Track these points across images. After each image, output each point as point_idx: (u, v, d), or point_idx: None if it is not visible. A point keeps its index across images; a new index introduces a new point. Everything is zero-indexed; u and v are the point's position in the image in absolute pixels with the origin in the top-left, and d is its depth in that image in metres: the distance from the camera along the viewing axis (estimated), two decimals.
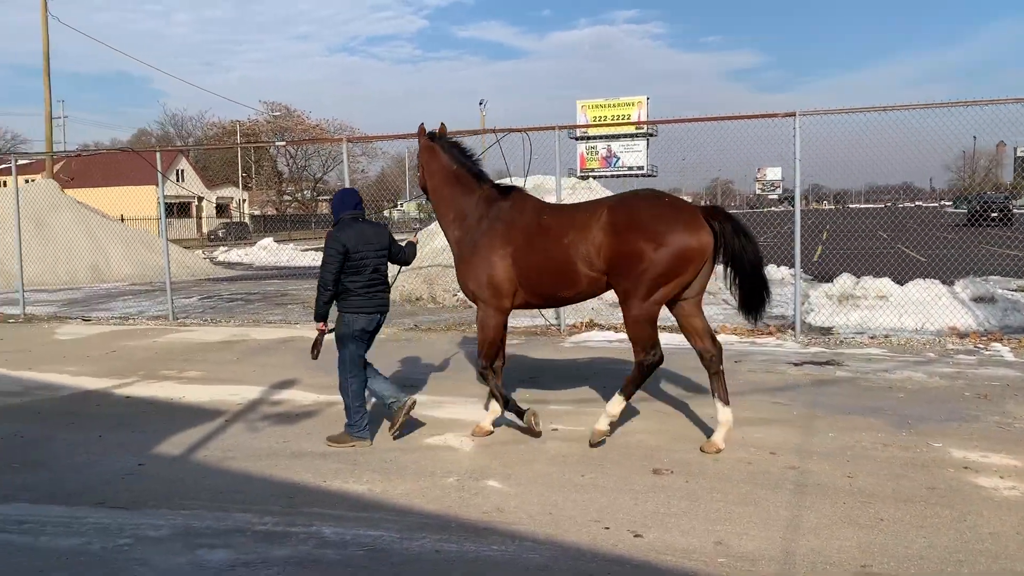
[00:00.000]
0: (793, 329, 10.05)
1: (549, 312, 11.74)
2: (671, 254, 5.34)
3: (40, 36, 29.97)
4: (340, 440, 5.95)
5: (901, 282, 11.58)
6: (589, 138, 46.82)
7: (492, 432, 6.03)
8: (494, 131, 11.19)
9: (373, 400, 6.38)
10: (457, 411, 6.85)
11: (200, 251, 33.60)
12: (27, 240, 15.35)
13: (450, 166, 6.23)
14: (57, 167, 39.68)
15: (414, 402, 6.03)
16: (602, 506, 4.65)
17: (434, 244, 15.31)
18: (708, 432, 5.99)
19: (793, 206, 10.43)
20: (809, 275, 16.47)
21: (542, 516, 4.52)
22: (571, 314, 11.48)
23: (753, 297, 5.69)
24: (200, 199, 60.10)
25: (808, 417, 6.45)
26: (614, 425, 5.83)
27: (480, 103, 58.24)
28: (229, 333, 11.58)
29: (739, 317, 6.38)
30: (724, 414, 5.60)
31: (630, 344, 5.76)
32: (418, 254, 15.04)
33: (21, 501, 4.88)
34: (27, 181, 32.64)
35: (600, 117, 45.76)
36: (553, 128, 10.91)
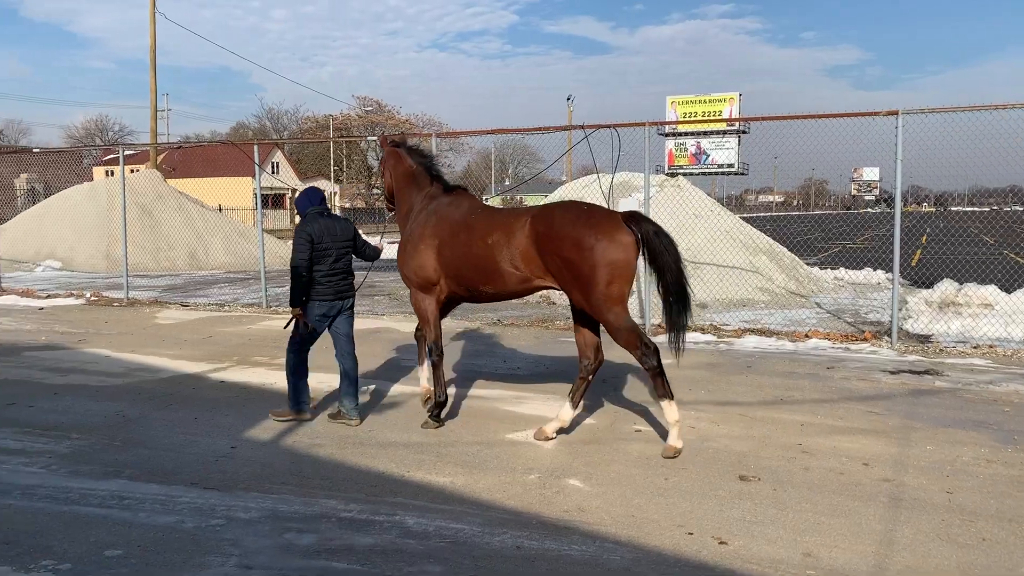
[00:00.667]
0: (889, 336, 9.66)
1: (634, 311, 11.62)
2: (599, 261, 5.47)
3: (148, 32, 31.33)
4: (282, 414, 6.43)
5: (1008, 290, 10.99)
6: (678, 134, 46.08)
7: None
8: (582, 127, 11.13)
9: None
10: (539, 407, 6.84)
11: (291, 242, 34.58)
12: (132, 227, 16.06)
13: (411, 166, 6.71)
14: (160, 158, 41.43)
15: (359, 423, 6.34)
16: (685, 511, 4.57)
17: None
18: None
19: (891, 208, 10.02)
20: (907, 280, 15.83)
21: (624, 518, 4.47)
22: (656, 313, 11.32)
23: (679, 302, 5.71)
24: (293, 191, 61.86)
25: (904, 428, 6.18)
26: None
27: (568, 98, 58.05)
28: None
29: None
30: (567, 412, 5.97)
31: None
32: None
33: (122, 478, 5.10)
34: (132, 171, 34.17)
35: (690, 113, 44.99)
36: (643, 124, 10.77)
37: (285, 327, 6.48)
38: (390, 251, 7.62)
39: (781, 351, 9.29)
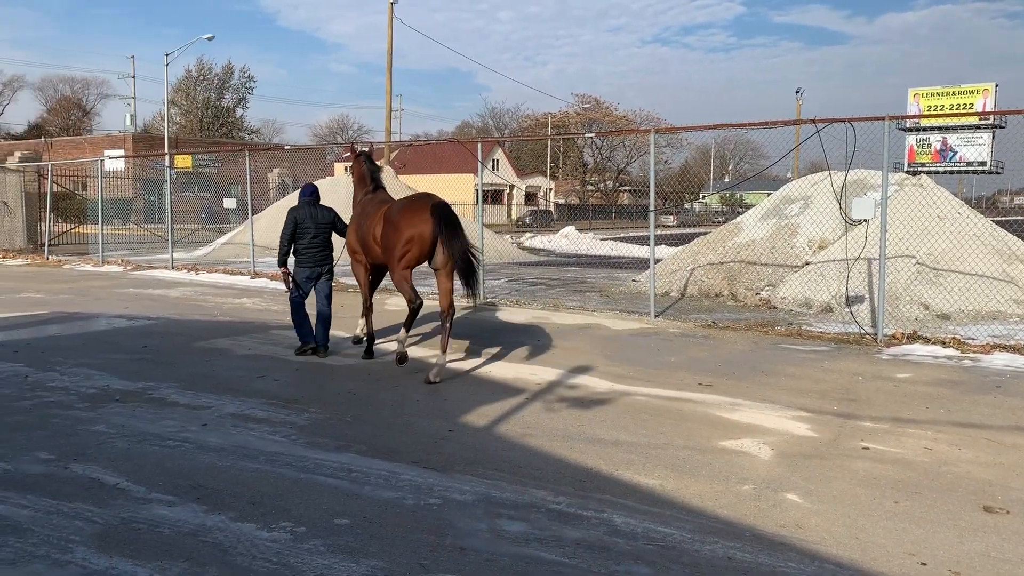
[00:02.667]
0: None
1: (864, 319, 10.85)
2: (402, 237, 7.78)
3: (386, 37, 33.52)
4: (299, 349, 8.71)
5: None
6: (921, 129, 42.40)
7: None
8: (813, 121, 10.53)
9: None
10: (755, 416, 6.56)
11: (508, 236, 35.63)
12: None
13: (365, 171, 9.17)
14: (393, 155, 44.21)
15: (325, 354, 8.65)
16: (918, 539, 4.18)
17: (737, 239, 14.82)
18: None
19: None
20: None
21: (847, 540, 4.17)
22: (891, 323, 10.50)
23: (465, 274, 7.77)
24: (511, 187, 63.79)
25: None
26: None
27: (797, 91, 55.17)
28: (531, 315, 12.14)
29: None
30: (441, 358, 7.76)
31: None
32: (721, 248, 14.61)
33: (351, 452, 5.48)
34: None
35: (936, 107, 41.23)
36: (882, 118, 9.98)
37: (288, 290, 8.74)
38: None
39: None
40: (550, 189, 73.93)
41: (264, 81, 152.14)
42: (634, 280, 16.21)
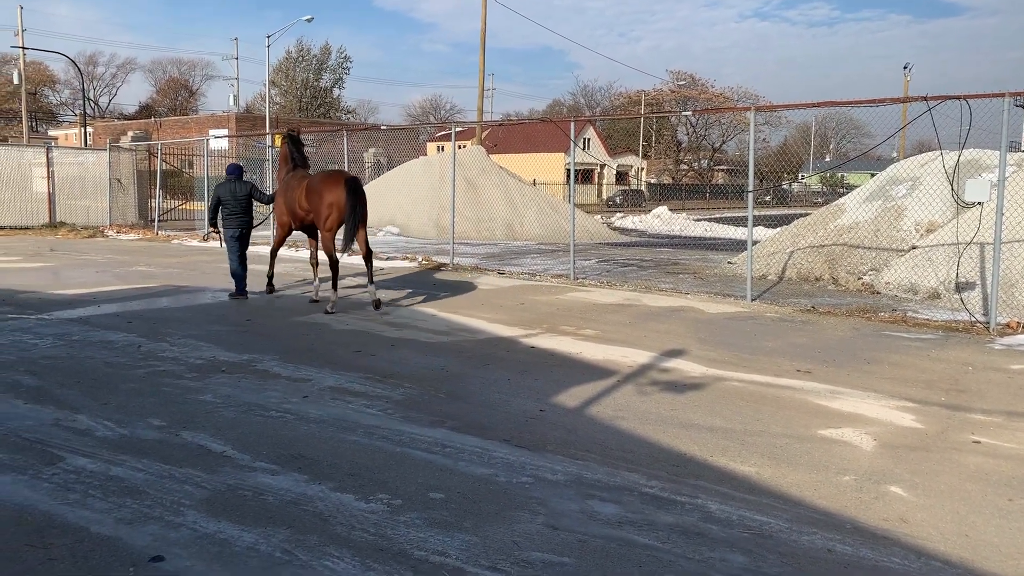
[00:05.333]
0: None
1: (975, 306, 10.33)
2: (325, 203, 10.02)
3: (480, 16, 33.57)
4: (235, 296, 11.10)
5: None
6: None
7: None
8: (924, 98, 10.02)
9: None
10: (857, 405, 6.34)
11: (598, 216, 35.38)
12: (458, 199, 17.35)
13: (287, 153, 11.46)
14: (484, 134, 44.42)
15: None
16: None
17: (839, 221, 14.31)
18: None
19: None
20: None
21: (955, 537, 3.99)
22: (1005, 311, 9.97)
23: (349, 231, 9.82)
24: (602, 166, 63.23)
25: None
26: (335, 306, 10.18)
27: (905, 67, 52.69)
28: (622, 296, 12.04)
29: None
30: (371, 288, 10.36)
31: None
32: (822, 230, 14.14)
33: (445, 427, 5.57)
34: (460, 147, 37.08)
35: None
36: (1001, 95, 9.42)
37: (219, 242, 11.91)
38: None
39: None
40: (642, 168, 72.91)
41: (359, 61, 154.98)
42: (729, 262, 15.87)
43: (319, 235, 10.41)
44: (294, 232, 11.58)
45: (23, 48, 44.66)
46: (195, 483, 4.45)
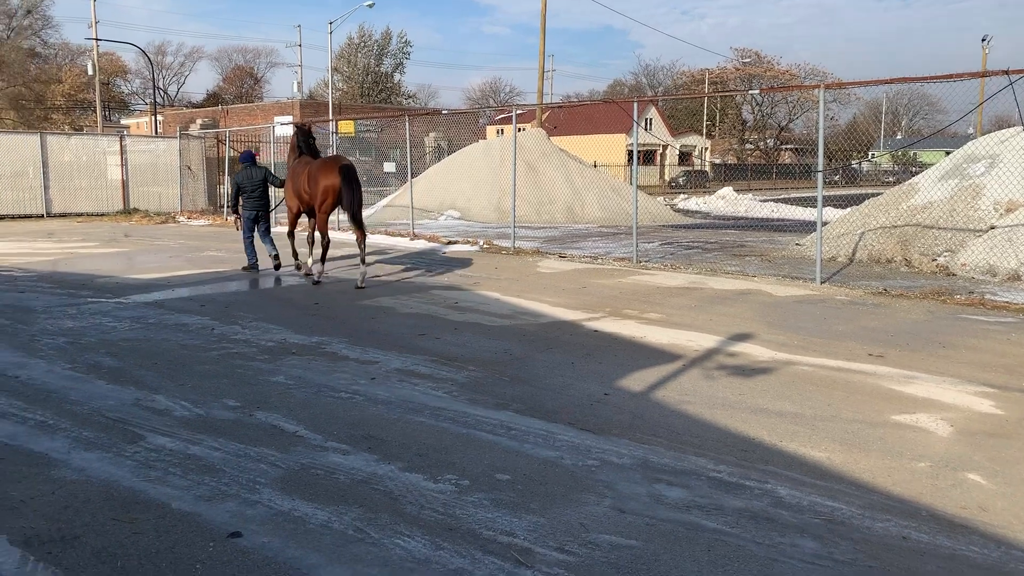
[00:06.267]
0: None
1: None
2: (320, 188, 10.97)
3: None
4: (245, 268, 12.48)
5: None
6: None
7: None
8: (1005, 72, 9.62)
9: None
10: (932, 390, 6.17)
11: (661, 198, 34.97)
12: (518, 182, 17.35)
13: (294, 143, 12.35)
14: (545, 116, 44.25)
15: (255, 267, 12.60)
16: None
17: (912, 201, 13.87)
18: None
19: None
20: None
21: None
22: None
23: (356, 215, 11.06)
24: (665, 147, 62.41)
25: None
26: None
27: (983, 39, 50.58)
28: (687, 280, 11.91)
29: None
30: (362, 268, 11.11)
31: None
32: (894, 211, 13.78)
33: (509, 410, 5.61)
34: (520, 129, 37.02)
35: None
36: None
37: (237, 228, 13.20)
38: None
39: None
40: (706, 148, 71.73)
41: (420, 46, 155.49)
42: (797, 244, 15.55)
43: (316, 216, 11.35)
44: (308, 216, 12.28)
45: (96, 40, 46.10)
46: (269, 462, 4.58)
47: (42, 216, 23.60)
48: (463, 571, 3.40)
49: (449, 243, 16.84)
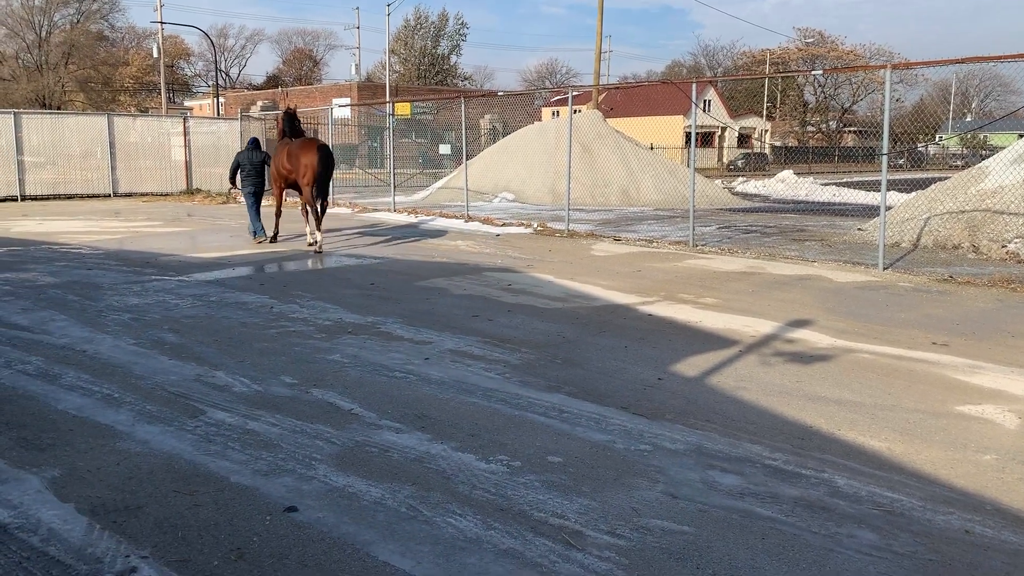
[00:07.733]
0: None
1: None
2: (301, 164, 12.60)
3: None
4: (253, 241, 13.68)
5: None
6: None
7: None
8: None
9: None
10: (999, 380, 5.97)
11: (719, 181, 34.38)
12: (573, 164, 17.21)
13: (283, 126, 13.65)
14: (601, 98, 43.83)
15: (259, 241, 13.76)
16: None
17: (982, 185, 13.39)
18: None
19: None
20: None
21: None
22: None
23: (323, 188, 12.87)
24: (723, 129, 61.33)
25: None
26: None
27: None
28: (744, 264, 11.72)
29: None
30: (318, 235, 12.61)
31: None
32: (962, 195, 13.33)
33: (561, 393, 5.60)
34: (576, 111, 36.76)
35: None
36: None
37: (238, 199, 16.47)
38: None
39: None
40: (765, 130, 70.27)
41: (476, 27, 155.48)
42: (859, 229, 15.16)
43: (301, 190, 12.95)
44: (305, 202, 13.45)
45: (161, 23, 47.13)
46: (325, 438, 4.66)
47: (109, 196, 24.28)
48: (514, 552, 3.42)
49: (503, 225, 16.85)
